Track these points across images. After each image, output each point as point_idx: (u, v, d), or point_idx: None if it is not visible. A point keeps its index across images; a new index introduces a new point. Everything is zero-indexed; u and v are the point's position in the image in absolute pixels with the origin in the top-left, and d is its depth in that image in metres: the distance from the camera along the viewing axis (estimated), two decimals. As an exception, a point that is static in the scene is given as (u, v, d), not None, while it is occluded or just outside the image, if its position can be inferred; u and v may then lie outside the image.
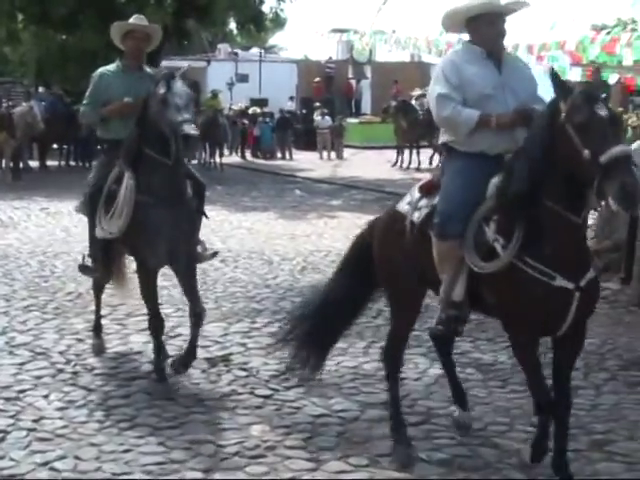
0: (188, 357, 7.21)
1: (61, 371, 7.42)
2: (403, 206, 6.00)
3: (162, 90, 6.63)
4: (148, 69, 7.67)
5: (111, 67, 7.68)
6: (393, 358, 6.29)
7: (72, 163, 29.37)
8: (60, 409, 6.58)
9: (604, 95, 5.18)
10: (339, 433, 6.23)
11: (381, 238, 6.19)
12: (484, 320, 9.27)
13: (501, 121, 5.52)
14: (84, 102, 7.66)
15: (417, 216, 5.82)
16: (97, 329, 8.25)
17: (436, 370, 7.57)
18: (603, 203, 4.84)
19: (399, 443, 5.90)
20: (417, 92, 29.68)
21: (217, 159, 29.02)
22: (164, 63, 32.41)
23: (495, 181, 5.36)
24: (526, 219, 5.11)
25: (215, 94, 33.42)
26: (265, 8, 31.05)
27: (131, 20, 7.82)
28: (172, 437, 6.08)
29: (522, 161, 5.13)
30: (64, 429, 6.19)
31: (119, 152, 7.14)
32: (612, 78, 23.26)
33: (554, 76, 5.06)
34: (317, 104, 36.37)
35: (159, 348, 7.32)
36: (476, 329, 8.98)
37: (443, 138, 5.79)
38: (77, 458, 5.71)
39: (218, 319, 9.09)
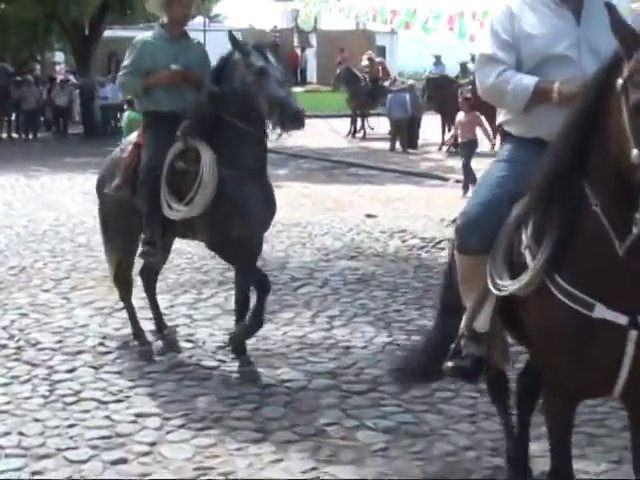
0: (253, 328, 6.78)
1: (4, 347, 7.33)
2: None
3: (259, 62, 6.25)
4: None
5: (152, 34, 7.11)
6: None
7: (14, 135, 29.00)
8: (3, 385, 6.51)
9: None
10: (286, 403, 6.22)
11: None
12: (429, 286, 9.36)
13: (565, 91, 4.04)
14: (124, 72, 7.02)
15: None
16: (139, 335, 7.45)
17: (383, 338, 7.60)
18: None
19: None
20: (365, 60, 29.55)
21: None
22: (107, 33, 32.22)
23: None
24: (561, 219, 3.73)
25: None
26: (209, -24, 30.80)
27: None
28: (118, 411, 6.03)
29: (561, 141, 3.73)
30: (8, 405, 6.12)
31: (171, 125, 6.60)
32: None
33: (613, 14, 3.42)
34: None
35: (244, 329, 6.78)
36: (422, 296, 9.04)
37: (499, 118, 4.58)
38: (21, 434, 5.64)
39: (164, 291, 9.00)
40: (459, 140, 17.41)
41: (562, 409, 4.10)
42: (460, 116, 17.19)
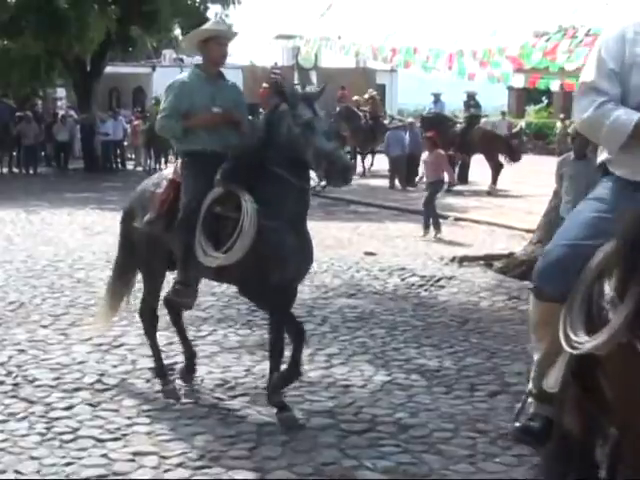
0: (291, 377, 6.68)
1: (2, 383, 7.29)
2: None
3: (307, 113, 6.15)
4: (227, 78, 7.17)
5: (188, 75, 7.00)
6: None
7: (15, 170, 29.08)
8: (0, 422, 6.46)
9: None
10: (284, 442, 6.18)
11: None
12: (429, 324, 9.36)
13: None
14: (162, 114, 6.89)
15: None
16: (161, 372, 7.39)
17: (382, 377, 7.58)
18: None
19: None
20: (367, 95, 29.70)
21: (162, 166, 28.91)
22: (108, 69, 32.41)
23: None
24: None
25: (157, 100, 33.43)
26: (210, 14, 31.10)
27: (211, 25, 7.26)
28: (115, 449, 6.00)
29: None
30: (4, 443, 6.07)
31: (210, 166, 6.53)
32: (554, 84, 23.50)
33: None
34: (261, 110, 36.35)
35: (279, 371, 6.64)
36: (421, 334, 9.03)
37: (601, 155, 4.13)
38: (17, 472, 5.61)
39: (163, 328, 8.93)
40: (424, 180, 17.57)
41: None
42: (424, 155, 17.34)
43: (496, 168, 23.69)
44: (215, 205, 6.48)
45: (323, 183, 6.40)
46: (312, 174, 6.43)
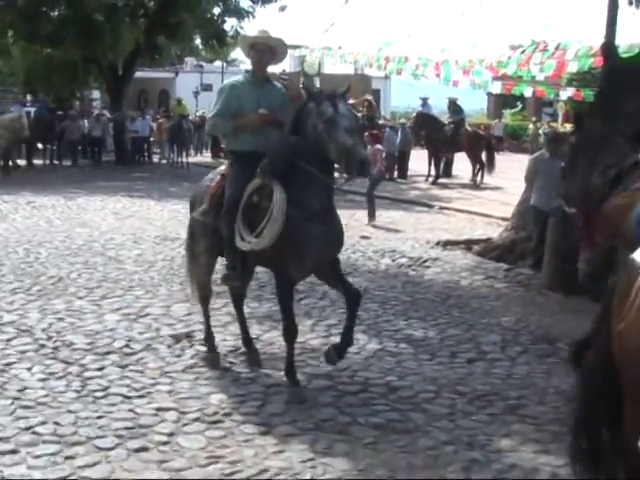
0: (346, 344, 6.43)
1: (43, 347, 7.31)
2: None
3: (330, 110, 5.90)
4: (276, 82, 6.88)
5: (240, 79, 6.82)
6: None
7: (55, 162, 29.07)
8: (42, 380, 6.48)
9: None
10: (288, 401, 6.19)
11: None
12: (416, 300, 9.36)
13: None
14: (214, 114, 6.73)
15: None
16: (208, 340, 7.26)
17: (374, 345, 7.59)
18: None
19: None
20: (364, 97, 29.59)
21: (184, 159, 28.86)
22: (138, 74, 32.36)
23: None
24: None
25: (179, 101, 33.52)
26: (227, 26, 31.00)
27: (254, 32, 6.95)
28: (140, 405, 6.01)
29: None
30: (45, 398, 6.10)
31: (252, 163, 6.32)
32: (527, 91, 23.45)
33: None
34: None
35: (292, 355, 6.41)
36: (409, 308, 9.03)
37: None
38: (56, 423, 5.63)
39: (182, 300, 9.00)
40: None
41: None
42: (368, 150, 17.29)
43: (480, 163, 23.67)
44: (253, 195, 6.32)
45: (345, 176, 6.20)
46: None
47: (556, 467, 5.14)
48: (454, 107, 25.21)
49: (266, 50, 6.67)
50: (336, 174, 6.32)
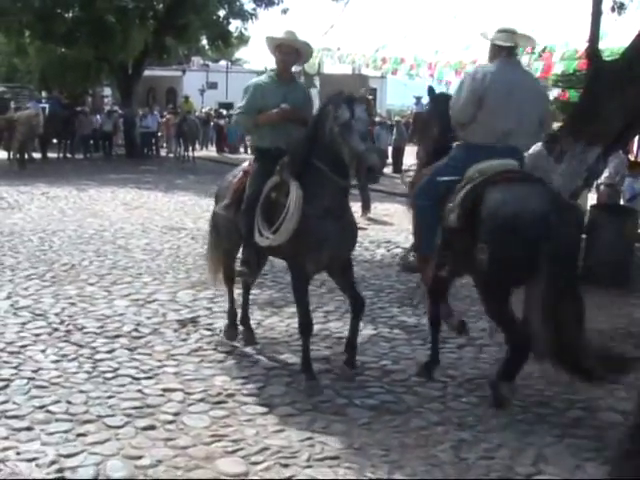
0: (352, 354, 6.39)
1: (56, 330, 7.30)
2: None
3: (346, 114, 5.70)
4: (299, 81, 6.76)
5: (264, 77, 6.66)
6: None
7: (69, 155, 29.03)
8: (55, 362, 6.48)
9: None
10: (288, 383, 6.20)
11: None
12: (409, 288, 9.35)
13: None
14: (239, 111, 6.59)
15: None
16: (244, 320, 7.29)
17: (369, 331, 7.58)
18: None
19: None
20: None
21: (190, 153, 28.81)
22: (146, 72, 32.29)
23: None
24: None
25: (187, 98, 33.52)
26: (232, 28, 30.91)
27: (280, 34, 6.70)
28: (148, 386, 6.01)
29: None
30: (58, 378, 6.10)
31: (273, 161, 6.24)
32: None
33: None
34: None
35: (308, 349, 6.25)
36: (403, 296, 9.02)
37: None
38: (69, 402, 5.63)
39: (188, 287, 9.00)
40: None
41: None
42: None
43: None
44: (272, 192, 6.20)
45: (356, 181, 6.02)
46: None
47: (541, 447, 5.15)
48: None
49: (291, 52, 6.54)
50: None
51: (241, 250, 6.74)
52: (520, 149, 6.16)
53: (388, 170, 24.21)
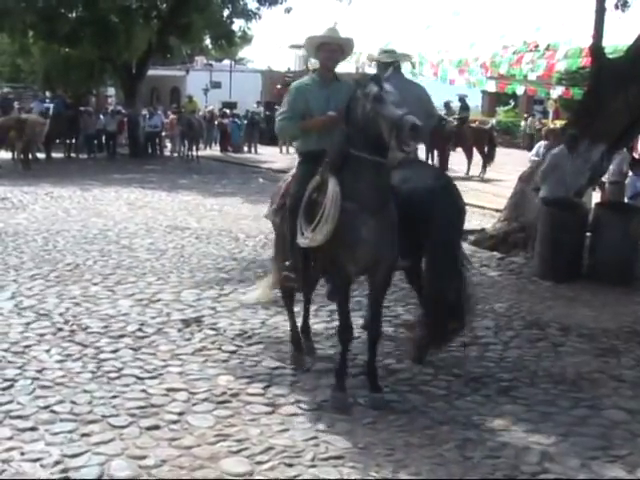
0: (374, 376, 6.04)
1: (60, 330, 7.30)
2: None
3: (374, 89, 5.48)
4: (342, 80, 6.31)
5: (307, 80, 6.37)
6: None
7: (73, 155, 29.04)
8: (59, 361, 6.48)
9: None
10: (292, 382, 6.19)
11: None
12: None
13: None
14: (281, 117, 6.26)
15: None
16: (295, 341, 6.85)
17: (373, 329, 7.54)
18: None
19: None
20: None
21: (194, 152, 28.80)
22: (150, 72, 32.28)
23: None
24: None
25: (190, 98, 33.52)
26: (235, 27, 30.87)
27: (323, 32, 6.33)
28: (152, 386, 6.01)
29: None
30: (62, 378, 6.10)
31: (318, 163, 5.93)
32: (519, 89, 23.40)
33: None
34: (277, 107, 36.25)
35: (345, 358, 5.98)
36: (407, 295, 8.98)
37: None
38: (73, 402, 5.63)
39: (192, 287, 8.99)
40: None
41: None
42: None
43: (484, 157, 23.49)
44: (313, 192, 5.90)
45: (398, 155, 5.75)
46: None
47: (546, 446, 5.14)
48: (463, 104, 24.99)
49: (337, 49, 6.25)
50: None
51: (289, 257, 6.35)
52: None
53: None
